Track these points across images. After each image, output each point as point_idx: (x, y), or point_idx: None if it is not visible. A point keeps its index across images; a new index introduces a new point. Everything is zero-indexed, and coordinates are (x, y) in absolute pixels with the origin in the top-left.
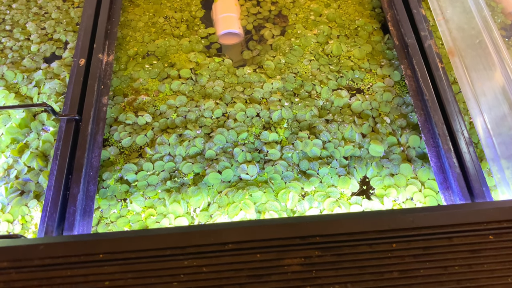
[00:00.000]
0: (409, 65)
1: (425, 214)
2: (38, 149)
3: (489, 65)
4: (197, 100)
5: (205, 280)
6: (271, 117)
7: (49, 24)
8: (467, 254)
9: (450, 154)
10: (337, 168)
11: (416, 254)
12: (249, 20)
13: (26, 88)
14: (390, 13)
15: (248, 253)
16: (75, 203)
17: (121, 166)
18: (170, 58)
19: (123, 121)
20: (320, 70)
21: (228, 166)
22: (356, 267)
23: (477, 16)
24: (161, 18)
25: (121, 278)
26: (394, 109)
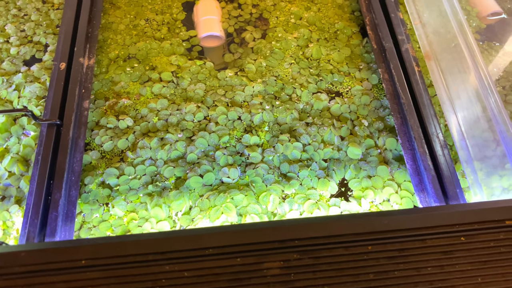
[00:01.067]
0: (387, 69)
1: (399, 217)
2: (19, 154)
3: (464, 68)
4: (179, 104)
5: (186, 285)
6: (253, 120)
7: (29, 26)
8: (440, 256)
9: (425, 157)
10: (316, 171)
11: (391, 256)
12: (230, 23)
13: (6, 91)
14: (369, 16)
15: (229, 258)
16: (57, 209)
17: (103, 170)
18: (151, 61)
19: (105, 125)
20: (300, 73)
21: (210, 169)
22: (333, 269)
23: (452, 20)
24: (142, 20)
25: (104, 284)
26: (372, 112)
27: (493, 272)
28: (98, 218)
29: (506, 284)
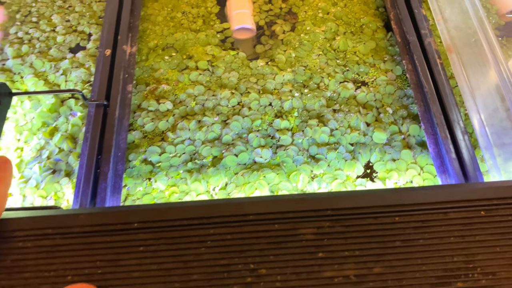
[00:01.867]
0: (410, 60)
1: (424, 192)
2: (67, 132)
3: (484, 62)
4: (214, 90)
5: (229, 246)
6: (283, 106)
7: (73, 17)
8: (461, 227)
9: (447, 141)
10: (343, 153)
11: (416, 226)
12: (261, 17)
13: (54, 76)
14: (393, 12)
15: (267, 223)
16: (106, 180)
17: (145, 148)
18: (188, 51)
19: (146, 108)
20: (327, 64)
21: (244, 150)
22: (363, 236)
23: (473, 17)
24: (178, 13)
25: (154, 244)
26: (396, 100)
27: (511, 243)
28: (142, 191)
29: None
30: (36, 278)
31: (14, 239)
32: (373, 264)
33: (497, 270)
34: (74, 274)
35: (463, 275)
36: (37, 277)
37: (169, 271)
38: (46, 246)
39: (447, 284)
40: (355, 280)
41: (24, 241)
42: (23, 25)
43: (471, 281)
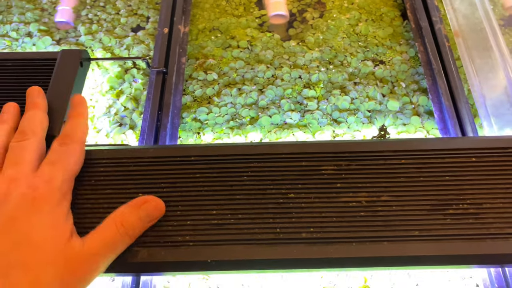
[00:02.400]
0: (422, 42)
1: (426, 141)
2: (131, 95)
3: (487, 46)
4: (252, 64)
5: (266, 176)
6: (311, 79)
7: (134, 2)
8: (455, 169)
9: (450, 108)
10: (361, 118)
11: (418, 167)
12: (294, 5)
13: (119, 50)
14: (409, 2)
15: (297, 161)
16: (166, 130)
17: (195, 109)
18: (231, 32)
19: (196, 77)
20: (350, 45)
21: (277, 112)
22: (374, 173)
23: (480, 8)
24: (223, 1)
25: (208, 172)
26: (409, 77)
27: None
28: (193, 142)
29: (504, 191)
30: (114, 194)
31: (97, 165)
32: (381, 194)
33: (483, 202)
34: (143, 192)
35: (454, 204)
36: (115, 193)
37: (217, 191)
38: (122, 171)
39: (440, 210)
40: (366, 205)
41: (105, 167)
42: (93, 9)
43: (461, 209)
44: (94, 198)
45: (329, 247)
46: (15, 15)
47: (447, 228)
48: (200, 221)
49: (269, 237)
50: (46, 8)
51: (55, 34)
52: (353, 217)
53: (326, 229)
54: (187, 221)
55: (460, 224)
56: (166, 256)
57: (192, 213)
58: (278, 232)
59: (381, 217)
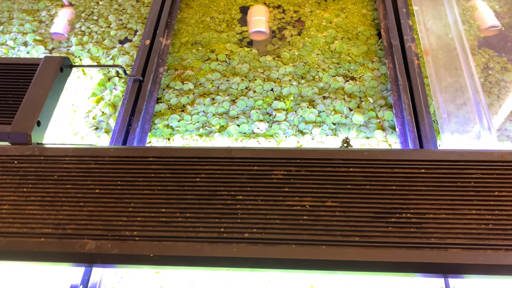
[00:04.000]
0: (392, 60)
1: (376, 151)
2: (110, 101)
3: (456, 66)
4: (228, 77)
5: (218, 178)
6: (282, 92)
7: (125, 17)
8: (403, 179)
9: (411, 123)
10: (326, 130)
11: (365, 175)
12: (275, 23)
13: (105, 60)
14: (384, 22)
15: (249, 165)
16: (134, 134)
17: (168, 116)
18: (212, 46)
19: (173, 87)
20: (324, 61)
21: (245, 122)
22: (322, 179)
23: (453, 29)
24: (208, 17)
25: (163, 173)
26: (377, 93)
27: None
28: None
29: (449, 202)
30: (73, 189)
31: (61, 161)
32: (326, 199)
33: (427, 212)
34: (100, 188)
35: (398, 213)
36: (74, 188)
37: (170, 191)
38: (83, 168)
39: (383, 218)
40: (310, 209)
41: (68, 163)
42: (86, 22)
43: (403, 218)
44: (54, 191)
45: (269, 248)
46: (15, 26)
47: (388, 235)
48: (150, 218)
49: (213, 236)
50: (44, 20)
51: (49, 44)
52: (295, 220)
53: (268, 231)
54: (138, 217)
55: (402, 233)
56: (112, 249)
57: (143, 210)
58: (222, 232)
59: (323, 222)
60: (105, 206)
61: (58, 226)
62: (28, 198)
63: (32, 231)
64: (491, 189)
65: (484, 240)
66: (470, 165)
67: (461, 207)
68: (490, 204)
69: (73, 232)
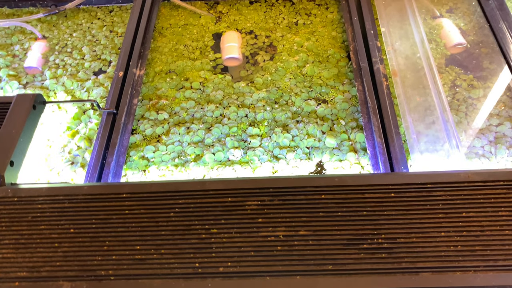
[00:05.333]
0: (361, 82)
1: (346, 177)
2: (85, 134)
3: (424, 85)
4: (203, 104)
5: (192, 212)
6: (256, 117)
7: (99, 48)
8: (373, 204)
9: (382, 145)
10: (300, 154)
11: (337, 202)
12: (247, 49)
13: (79, 92)
14: (353, 44)
15: (223, 197)
16: (109, 168)
17: (143, 147)
18: (186, 74)
19: (148, 117)
20: (296, 85)
21: (221, 150)
22: (295, 208)
23: (420, 48)
24: (181, 45)
25: (137, 209)
26: (349, 115)
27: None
28: (138, 179)
29: (419, 226)
30: (47, 230)
31: (35, 202)
32: (299, 228)
33: (397, 236)
34: (75, 227)
35: (369, 239)
36: (49, 229)
37: (144, 227)
38: (57, 208)
39: (356, 244)
40: (284, 239)
41: (42, 204)
42: (60, 54)
43: (375, 244)
44: (28, 233)
45: (244, 281)
46: None
47: (361, 262)
48: (125, 256)
49: (188, 272)
50: (18, 54)
51: (23, 79)
52: (270, 251)
53: (243, 263)
54: (112, 255)
55: (373, 259)
56: None
57: (117, 248)
58: (197, 267)
59: (297, 251)
60: (80, 245)
61: (33, 269)
62: (1, 241)
63: (6, 275)
64: (458, 210)
65: (453, 262)
66: (438, 187)
67: (431, 229)
68: (458, 226)
69: (48, 275)
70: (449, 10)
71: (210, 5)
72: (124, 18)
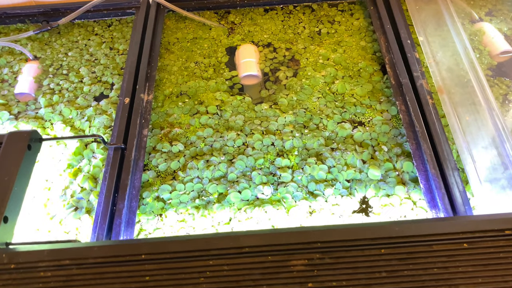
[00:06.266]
0: (403, 101)
1: (409, 225)
2: (89, 173)
3: (474, 101)
4: (222, 132)
5: (225, 277)
6: (284, 146)
7: (99, 68)
8: (445, 259)
9: (437, 177)
10: (340, 189)
11: (401, 258)
12: (266, 64)
13: (79, 122)
14: (388, 57)
15: (261, 255)
16: (121, 217)
17: (158, 186)
18: (200, 97)
19: (160, 149)
20: (326, 106)
21: (247, 187)
22: (351, 267)
23: (464, 59)
24: (192, 63)
25: (159, 274)
26: (391, 139)
27: (492, 274)
28: (153, 226)
29: (504, 284)
30: None
31: (36, 269)
32: None
33: None
34: None
35: None
36: None
37: None
38: (63, 276)
39: None
40: None
41: (44, 271)
42: (55, 77)
43: None
44: None
45: None
46: None
47: None
48: None
49: None
50: (7, 79)
51: (14, 108)
52: None
53: None
54: None
55: None
56: None
57: None
58: None
59: None
60: None
61: None
62: None
63: None
64: None
65: None
66: None
67: None
68: None
69: None
70: (488, 13)
71: (221, 14)
72: (125, 33)
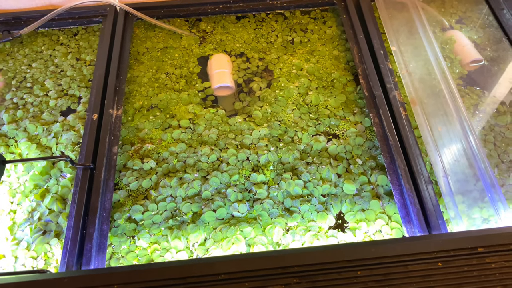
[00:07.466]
0: (377, 114)
1: (384, 246)
2: (58, 193)
3: (446, 111)
4: (195, 147)
5: None
6: (259, 161)
7: (65, 81)
8: (420, 279)
9: (411, 192)
10: (316, 205)
11: (377, 279)
12: (239, 75)
13: (46, 139)
14: (361, 67)
15: (238, 282)
16: (91, 241)
17: (129, 207)
18: (171, 110)
19: (131, 167)
20: (301, 118)
21: (222, 205)
22: None
23: (436, 68)
24: (163, 74)
25: None
26: (365, 151)
27: None
28: (126, 249)
29: None
30: None
31: None
32: None
33: None
34: None
35: None
36: None
37: None
38: None
39: None
40: None
41: None
42: (18, 91)
43: None
44: None
45: None
46: None
47: None
48: None
49: None
50: None
51: None
52: None
53: None
54: None
55: None
56: None
57: None
58: None
59: None
60: None
61: None
62: None
63: None
64: None
65: None
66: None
67: None
68: None
69: None
70: (458, 21)
71: (192, 22)
72: (92, 42)
